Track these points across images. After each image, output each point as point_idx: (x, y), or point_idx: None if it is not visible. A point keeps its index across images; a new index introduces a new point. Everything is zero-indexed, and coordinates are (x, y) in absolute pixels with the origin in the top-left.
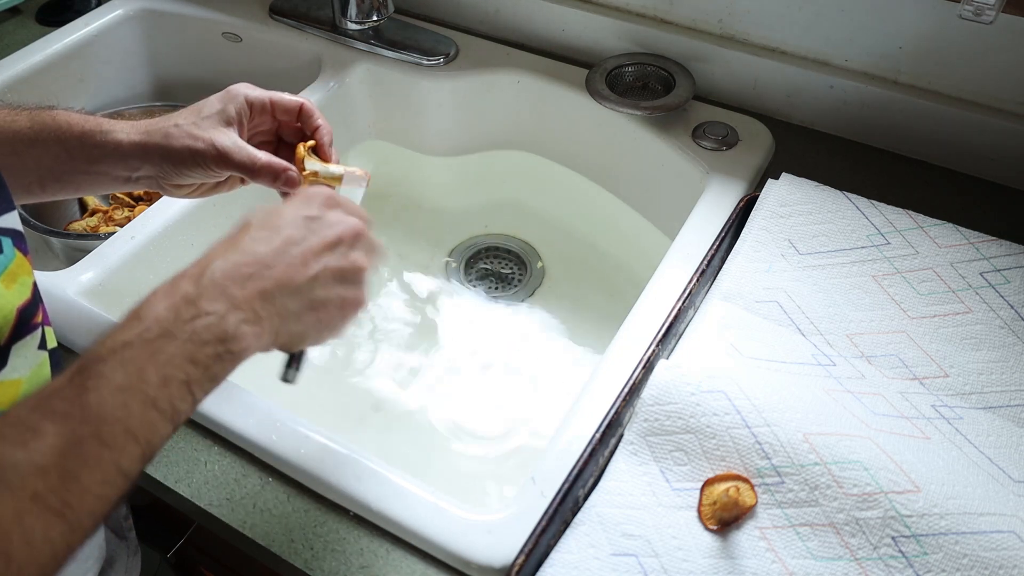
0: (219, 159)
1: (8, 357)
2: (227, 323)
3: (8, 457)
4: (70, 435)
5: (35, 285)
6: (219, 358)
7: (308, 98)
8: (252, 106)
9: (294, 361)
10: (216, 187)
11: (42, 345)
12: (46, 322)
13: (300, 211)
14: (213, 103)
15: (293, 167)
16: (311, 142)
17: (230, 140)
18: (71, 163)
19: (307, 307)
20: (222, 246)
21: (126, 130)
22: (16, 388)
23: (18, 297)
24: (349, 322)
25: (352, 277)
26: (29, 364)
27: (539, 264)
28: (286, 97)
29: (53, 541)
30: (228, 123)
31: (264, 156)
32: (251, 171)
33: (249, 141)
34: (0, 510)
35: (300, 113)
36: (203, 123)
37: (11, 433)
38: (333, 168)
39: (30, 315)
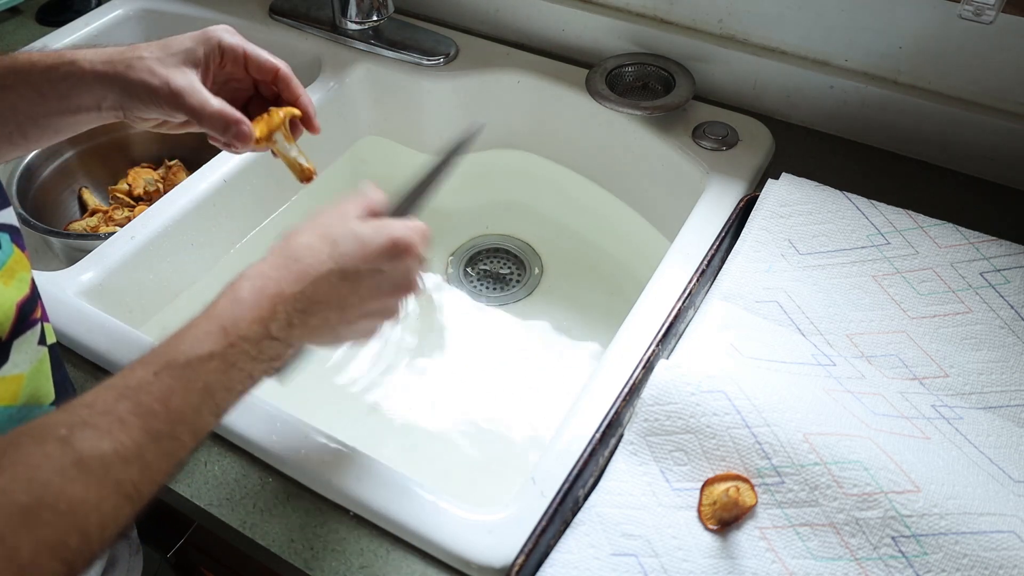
0: (171, 98)
1: (9, 353)
2: (280, 348)
3: (97, 447)
4: (152, 431)
5: (33, 281)
6: (263, 373)
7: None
8: (224, 53)
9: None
10: (181, 125)
11: (41, 341)
12: (45, 318)
13: (379, 261)
14: (184, 40)
15: (247, 121)
16: (295, 111)
17: (186, 81)
18: (44, 103)
19: (344, 329)
20: (296, 263)
21: (89, 58)
22: (17, 383)
23: (17, 292)
24: (373, 334)
25: (394, 310)
26: (30, 360)
27: (539, 264)
28: (262, 55)
29: (120, 522)
30: (193, 64)
31: (216, 103)
32: (199, 116)
33: (221, 90)
34: (86, 495)
35: (276, 77)
36: (167, 60)
37: (101, 423)
38: (293, 154)
39: (29, 310)
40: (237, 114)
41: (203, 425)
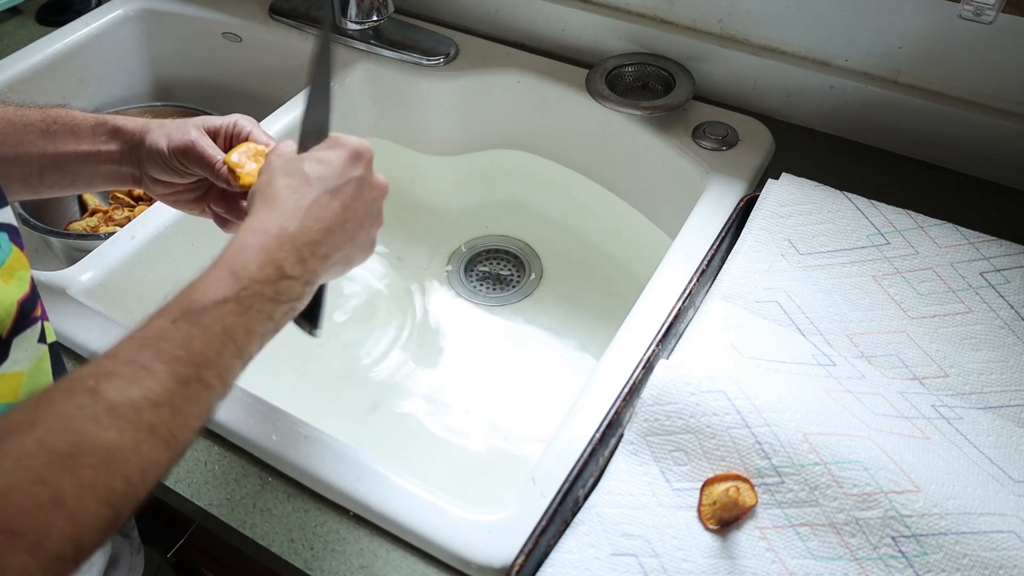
0: (183, 149)
1: (9, 350)
2: (298, 287)
3: (126, 394)
4: (178, 375)
5: (33, 279)
6: (285, 315)
7: (304, 101)
8: (237, 129)
9: (313, 312)
10: (193, 200)
11: (42, 339)
12: (45, 317)
13: (350, 170)
14: (207, 117)
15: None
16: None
17: (198, 135)
18: (77, 142)
19: (349, 248)
20: (285, 202)
21: (130, 120)
22: (17, 381)
23: (17, 291)
24: (372, 246)
25: (378, 226)
26: (30, 357)
27: (539, 264)
28: (262, 138)
29: (160, 468)
30: (208, 130)
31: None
32: (208, 163)
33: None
34: (121, 440)
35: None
36: (185, 124)
37: (126, 371)
38: (258, 147)
39: (30, 308)
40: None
41: (228, 368)
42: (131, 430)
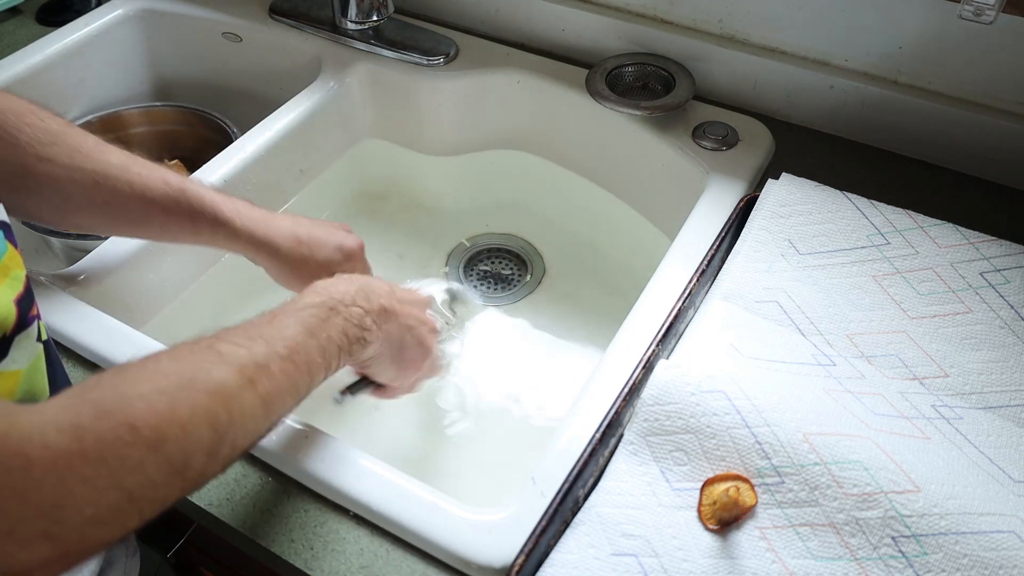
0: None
1: (9, 349)
2: (365, 318)
3: (236, 352)
4: (272, 352)
5: (27, 278)
6: (359, 340)
7: (304, 101)
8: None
9: (356, 387)
10: None
11: (39, 337)
12: (38, 315)
13: (413, 304)
14: (335, 254)
15: None
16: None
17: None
18: (196, 236)
19: (398, 344)
20: (355, 278)
21: (254, 232)
22: (14, 380)
23: (12, 290)
24: (414, 378)
25: (429, 347)
26: (28, 356)
27: (539, 264)
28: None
29: (256, 419)
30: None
31: None
32: None
33: None
34: (228, 380)
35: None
36: (321, 269)
37: (237, 338)
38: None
39: (27, 307)
40: None
41: (313, 364)
42: (236, 377)
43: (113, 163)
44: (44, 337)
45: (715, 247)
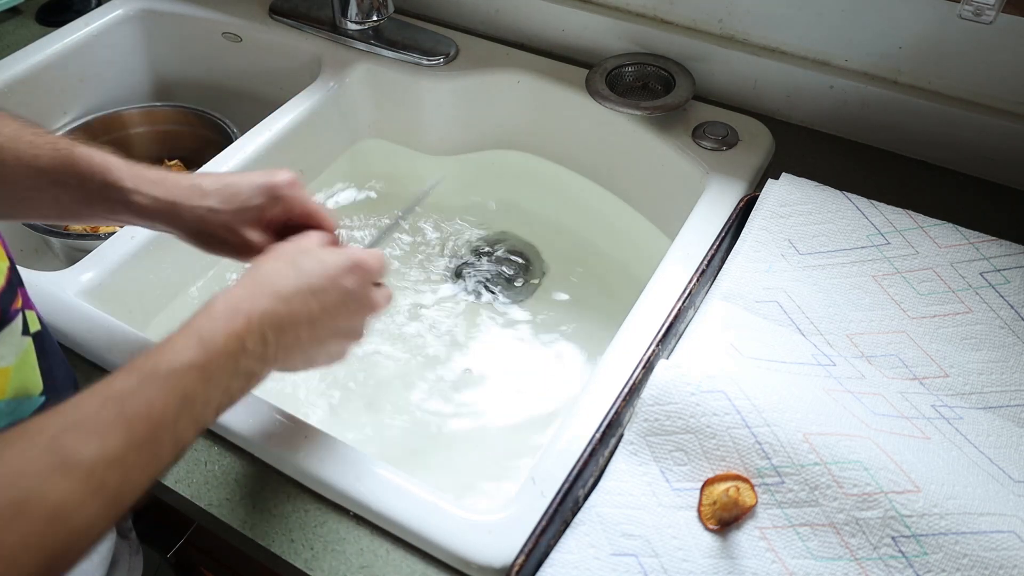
0: (243, 254)
1: None
2: (258, 364)
3: (82, 451)
4: (135, 437)
5: (11, 270)
6: (241, 389)
7: (304, 101)
8: (282, 203)
9: None
10: None
11: (25, 331)
12: (28, 306)
13: (341, 277)
14: (255, 197)
15: None
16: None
17: (259, 238)
18: (90, 208)
19: (315, 349)
20: (266, 284)
21: (148, 193)
22: (4, 377)
23: None
24: (343, 356)
25: (359, 331)
26: (14, 352)
27: (539, 264)
28: (321, 214)
29: (102, 525)
30: (250, 217)
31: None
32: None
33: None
34: (70, 496)
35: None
36: (237, 218)
37: (87, 426)
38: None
39: (8, 301)
40: None
41: (183, 434)
42: (80, 489)
43: (4, 133)
44: (34, 329)
45: (715, 247)
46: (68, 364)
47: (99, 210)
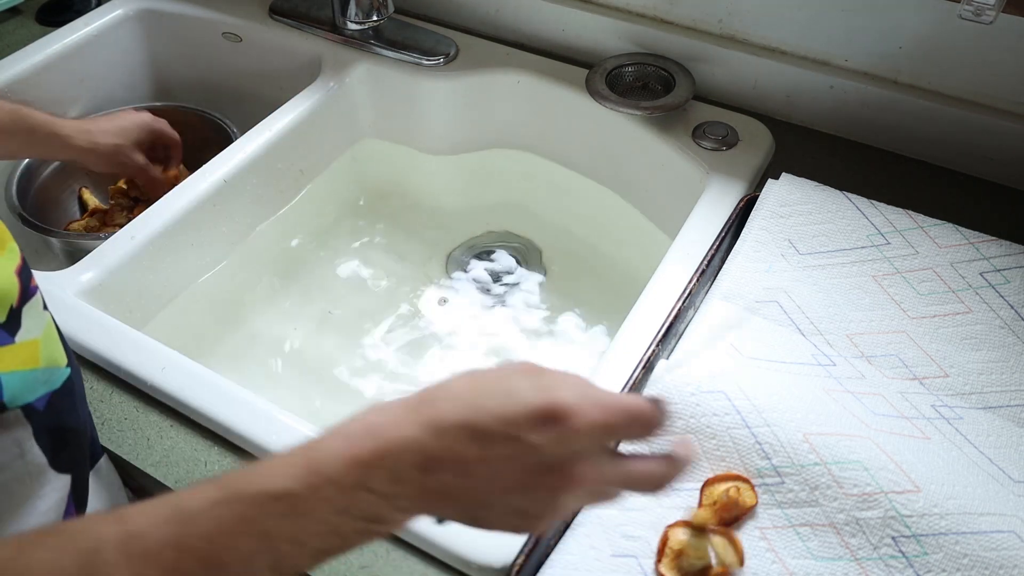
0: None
1: (21, 319)
2: (383, 509)
3: None
4: (183, 571)
5: (21, 251)
6: (359, 533)
7: (304, 101)
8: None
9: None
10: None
11: (44, 306)
12: (38, 286)
13: (519, 424)
14: (131, 132)
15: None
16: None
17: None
18: (32, 151)
19: (477, 508)
20: (428, 405)
21: (77, 138)
22: (35, 347)
23: (11, 262)
24: (524, 529)
25: (541, 510)
26: (40, 325)
27: (539, 264)
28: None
29: None
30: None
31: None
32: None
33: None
34: None
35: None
36: (128, 149)
37: (132, 547)
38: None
39: (27, 278)
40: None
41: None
42: None
43: None
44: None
45: (715, 247)
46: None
47: (40, 152)
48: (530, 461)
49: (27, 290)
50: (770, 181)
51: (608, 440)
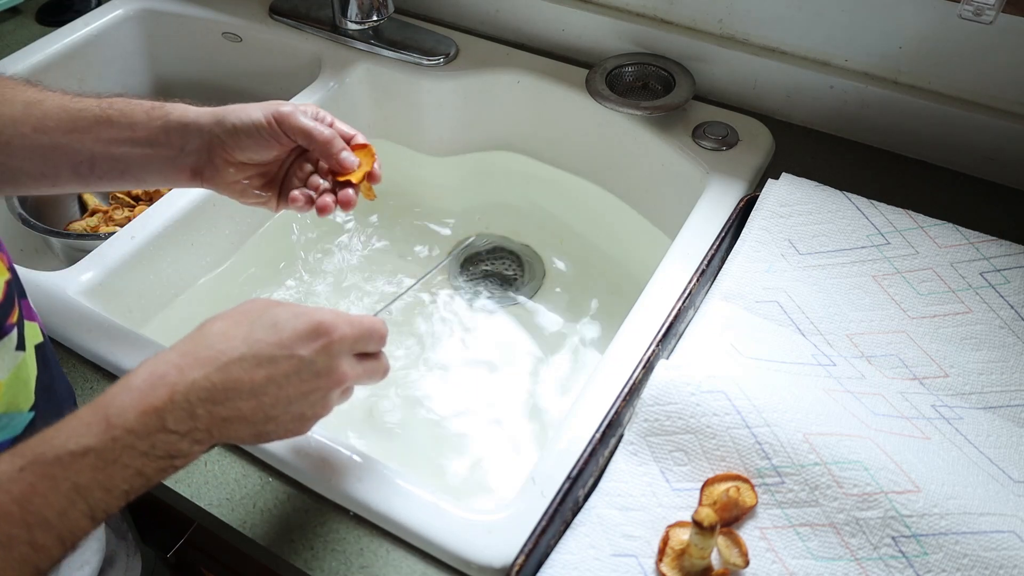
0: (278, 119)
1: None
2: (182, 444)
3: None
4: (3, 538)
5: (9, 283)
6: (162, 471)
7: (304, 101)
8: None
9: None
10: (264, 184)
11: (20, 345)
12: (29, 317)
13: (298, 346)
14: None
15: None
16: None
17: (288, 108)
18: (131, 133)
19: (265, 423)
20: (206, 349)
21: (187, 105)
22: None
23: None
24: (302, 431)
25: (321, 404)
26: (7, 367)
27: (538, 264)
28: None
29: None
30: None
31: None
32: (311, 135)
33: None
34: None
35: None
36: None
37: None
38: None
39: (3, 316)
40: (342, 140)
41: (73, 528)
42: None
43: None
44: (37, 341)
45: (715, 247)
46: (67, 378)
47: (140, 131)
48: (307, 371)
49: None
50: (770, 181)
51: (357, 349)
